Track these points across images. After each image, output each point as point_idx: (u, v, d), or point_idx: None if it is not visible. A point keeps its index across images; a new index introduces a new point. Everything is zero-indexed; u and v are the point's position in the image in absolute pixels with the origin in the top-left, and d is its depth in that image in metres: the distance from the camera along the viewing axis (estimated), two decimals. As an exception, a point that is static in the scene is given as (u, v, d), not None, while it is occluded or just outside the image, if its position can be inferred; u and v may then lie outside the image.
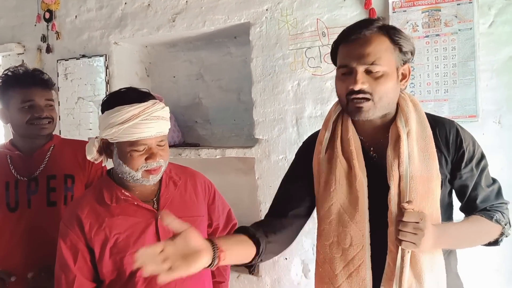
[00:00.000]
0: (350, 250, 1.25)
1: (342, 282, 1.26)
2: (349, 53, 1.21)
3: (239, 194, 2.61)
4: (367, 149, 1.30)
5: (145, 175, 1.38)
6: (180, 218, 1.44)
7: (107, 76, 2.80)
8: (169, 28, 2.60)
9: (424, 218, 1.12)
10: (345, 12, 2.16)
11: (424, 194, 1.21)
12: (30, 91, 1.74)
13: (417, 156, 1.22)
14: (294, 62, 2.28)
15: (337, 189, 1.27)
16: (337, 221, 1.27)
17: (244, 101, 2.79)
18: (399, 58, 1.21)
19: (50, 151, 1.81)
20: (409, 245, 1.13)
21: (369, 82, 1.18)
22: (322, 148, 1.33)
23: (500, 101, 1.90)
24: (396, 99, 1.25)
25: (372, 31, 1.19)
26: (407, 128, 1.23)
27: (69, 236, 1.40)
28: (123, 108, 1.33)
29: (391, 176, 1.22)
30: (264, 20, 2.34)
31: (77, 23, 2.90)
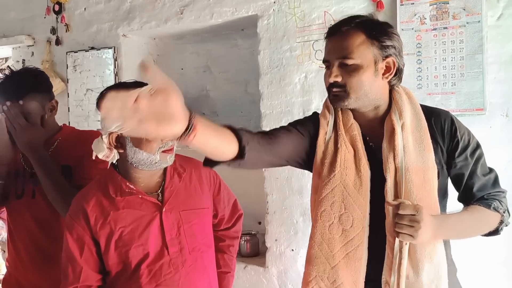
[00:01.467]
0: (351, 231, 1.28)
1: (338, 261, 1.29)
2: (329, 48, 1.30)
3: (246, 186, 2.62)
4: (365, 137, 1.34)
5: (163, 157, 1.38)
6: (184, 211, 1.46)
7: (116, 68, 2.82)
8: (177, 20, 2.61)
9: (420, 210, 1.14)
10: (352, 4, 2.15)
11: (420, 185, 1.24)
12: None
13: (412, 148, 1.26)
14: (302, 54, 2.29)
15: (342, 172, 1.30)
16: (340, 202, 1.30)
17: (251, 93, 2.80)
18: (378, 52, 1.25)
19: (56, 143, 1.76)
20: (406, 237, 1.16)
21: (343, 74, 1.25)
22: (326, 133, 1.36)
23: (508, 94, 1.90)
24: (379, 92, 1.29)
25: (349, 27, 1.25)
26: (401, 121, 1.27)
27: (75, 228, 1.41)
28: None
29: (387, 168, 1.26)
30: (271, 12, 2.34)
31: (86, 16, 2.92)
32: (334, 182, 1.31)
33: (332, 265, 1.30)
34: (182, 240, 1.45)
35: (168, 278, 1.42)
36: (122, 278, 1.43)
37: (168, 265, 1.42)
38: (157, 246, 1.43)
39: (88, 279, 1.41)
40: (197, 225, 1.49)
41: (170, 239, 1.43)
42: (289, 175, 2.36)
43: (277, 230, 2.42)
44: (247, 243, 2.64)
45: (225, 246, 1.68)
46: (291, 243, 2.39)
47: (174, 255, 1.43)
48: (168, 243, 1.43)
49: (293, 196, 2.36)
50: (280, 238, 2.41)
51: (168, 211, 1.44)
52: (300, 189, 2.34)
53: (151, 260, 1.41)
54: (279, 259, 2.43)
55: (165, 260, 1.42)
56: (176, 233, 1.45)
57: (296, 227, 2.37)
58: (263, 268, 2.46)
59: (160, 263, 1.42)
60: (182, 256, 1.44)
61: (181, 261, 1.44)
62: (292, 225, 2.38)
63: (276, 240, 2.43)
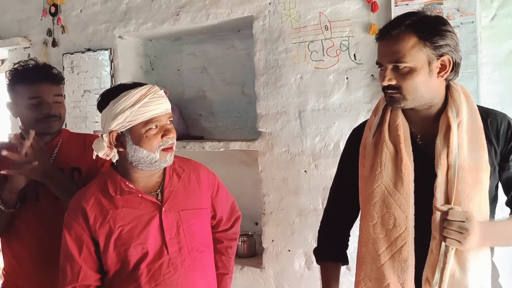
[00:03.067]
0: (394, 231, 1.29)
1: (384, 262, 1.30)
2: (380, 52, 1.30)
3: (242, 187, 2.63)
4: (415, 136, 1.34)
5: (163, 156, 1.40)
6: (183, 210, 1.47)
7: (112, 69, 2.83)
8: (173, 21, 2.61)
9: (470, 218, 1.14)
10: (347, 5, 2.16)
11: (472, 184, 1.24)
12: (38, 87, 1.71)
13: (466, 147, 1.26)
14: (297, 55, 2.30)
15: (382, 172, 1.31)
16: (381, 202, 1.31)
17: (247, 94, 2.81)
18: (431, 52, 1.24)
19: (58, 146, 1.80)
20: (454, 243, 1.16)
21: (397, 77, 1.26)
22: (370, 133, 1.39)
23: (503, 94, 1.91)
24: (434, 91, 1.29)
25: (400, 29, 1.24)
26: (458, 119, 1.27)
27: (73, 227, 1.42)
28: (129, 92, 1.37)
29: (439, 164, 1.25)
30: (267, 13, 2.35)
31: (82, 17, 2.92)
32: (375, 182, 1.32)
33: (378, 266, 1.31)
34: (181, 239, 1.46)
35: (167, 277, 1.42)
36: (121, 277, 1.43)
37: (167, 265, 1.43)
38: (157, 245, 1.43)
39: (87, 279, 1.42)
40: (196, 225, 1.50)
41: (170, 238, 1.44)
42: (286, 175, 2.37)
43: (274, 231, 2.43)
44: (244, 244, 2.65)
45: (223, 247, 1.69)
46: (287, 244, 2.40)
47: (174, 255, 1.44)
48: (167, 242, 1.43)
49: (290, 196, 2.37)
50: (277, 238, 2.42)
51: (168, 210, 1.45)
52: (296, 190, 2.35)
53: (150, 260, 1.42)
54: (275, 260, 2.43)
55: (164, 260, 1.43)
56: (175, 233, 1.45)
57: (293, 228, 2.38)
58: (259, 269, 2.47)
59: (159, 263, 1.42)
60: (181, 256, 1.45)
61: (180, 261, 1.44)
62: (288, 225, 2.39)
63: (272, 240, 2.43)
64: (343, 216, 1.50)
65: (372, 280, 1.34)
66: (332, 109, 2.24)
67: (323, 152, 2.27)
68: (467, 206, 1.22)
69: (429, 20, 1.27)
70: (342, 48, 2.20)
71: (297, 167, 2.34)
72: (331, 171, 2.26)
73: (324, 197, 2.29)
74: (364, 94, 2.17)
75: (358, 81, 2.18)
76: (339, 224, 1.51)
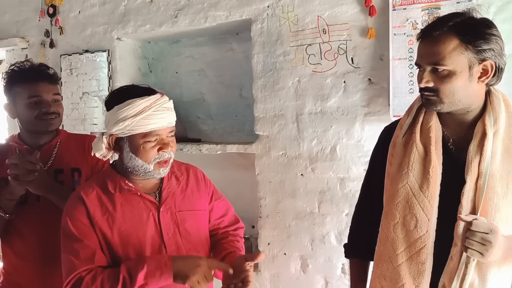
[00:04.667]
0: (414, 233, 1.28)
1: (401, 262, 1.29)
2: (420, 52, 1.27)
3: (239, 189, 2.63)
4: (447, 140, 1.32)
5: (157, 168, 1.41)
6: (181, 212, 1.48)
7: (110, 71, 2.82)
8: (171, 24, 2.61)
9: (494, 230, 1.12)
10: (345, 9, 2.17)
11: (502, 194, 1.21)
12: (36, 86, 1.73)
13: (500, 156, 1.23)
14: (295, 58, 2.30)
15: (409, 173, 1.30)
16: (405, 203, 1.30)
17: (245, 97, 2.81)
18: (473, 56, 1.19)
19: (57, 146, 1.82)
20: (475, 254, 1.14)
21: (435, 80, 1.23)
22: (401, 132, 1.37)
23: (499, 99, 1.91)
24: (473, 96, 1.25)
25: (441, 31, 1.20)
26: (495, 127, 1.24)
27: (77, 217, 1.39)
28: (134, 101, 1.36)
29: (469, 171, 1.22)
30: (265, 16, 2.35)
31: (81, 19, 2.92)
32: (400, 182, 1.31)
33: (395, 265, 1.30)
34: (178, 240, 1.47)
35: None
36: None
37: None
38: (155, 244, 1.44)
39: (101, 260, 1.37)
40: (193, 226, 1.51)
41: (168, 238, 1.45)
42: (282, 179, 2.36)
43: (270, 234, 2.42)
44: (240, 246, 2.64)
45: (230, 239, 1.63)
46: (283, 247, 2.39)
47: (172, 254, 1.43)
48: (166, 242, 1.44)
49: (286, 200, 2.36)
50: (273, 241, 2.41)
51: (165, 211, 1.46)
52: (293, 193, 2.35)
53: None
54: (271, 263, 2.43)
55: None
56: (172, 233, 1.46)
57: (289, 231, 2.37)
58: (255, 272, 2.46)
59: None
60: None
61: None
62: (285, 228, 2.38)
63: (269, 243, 2.43)
64: (373, 214, 1.46)
65: (387, 279, 1.33)
66: (329, 112, 2.24)
67: (320, 155, 2.27)
68: (494, 217, 1.20)
69: (473, 22, 1.21)
70: (339, 51, 2.20)
71: (294, 170, 2.33)
72: (328, 174, 2.26)
73: (320, 200, 2.29)
74: (361, 98, 2.17)
75: (356, 85, 2.18)
76: (368, 221, 1.48)
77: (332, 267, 2.28)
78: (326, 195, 2.27)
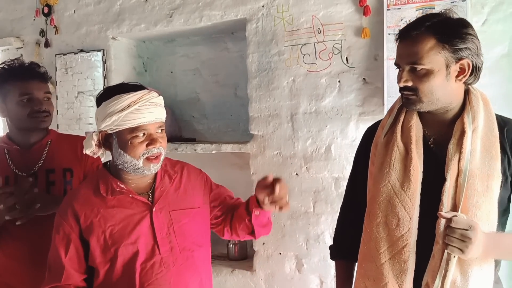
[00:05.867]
0: (396, 231, 1.28)
1: (384, 261, 1.30)
2: (399, 52, 1.29)
3: (234, 189, 2.59)
4: (428, 138, 1.33)
5: (146, 164, 1.40)
6: (174, 211, 1.48)
7: (105, 70, 2.82)
8: (166, 23, 2.61)
9: (474, 227, 1.13)
10: (340, 9, 2.17)
11: (482, 192, 1.22)
12: (28, 84, 1.73)
13: (479, 154, 1.24)
14: (290, 58, 2.30)
15: (391, 172, 1.31)
16: (387, 202, 1.31)
17: (240, 97, 2.81)
18: (450, 55, 1.22)
19: (48, 145, 1.81)
20: (455, 251, 1.15)
21: (413, 79, 1.25)
22: (382, 132, 1.39)
23: (493, 99, 1.86)
24: (452, 94, 1.27)
25: (419, 31, 1.23)
26: (473, 125, 1.25)
27: (62, 226, 1.43)
28: (121, 96, 1.37)
29: (449, 168, 1.24)
30: (260, 16, 2.35)
31: (76, 18, 2.91)
32: (382, 181, 1.32)
33: (378, 265, 1.31)
34: (173, 239, 1.46)
35: (159, 277, 1.43)
36: (111, 277, 1.43)
37: (159, 264, 1.43)
38: (148, 245, 1.44)
39: (70, 279, 1.43)
40: (187, 225, 1.51)
41: (161, 238, 1.45)
42: (277, 178, 2.36)
43: (265, 234, 2.42)
44: (235, 246, 2.65)
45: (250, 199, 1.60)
46: (278, 247, 2.39)
47: (165, 254, 1.44)
48: (159, 242, 1.44)
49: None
50: (268, 241, 2.41)
51: (158, 210, 1.46)
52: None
53: (142, 259, 1.43)
54: (266, 263, 2.43)
55: (156, 259, 1.43)
56: (166, 233, 1.46)
57: (284, 231, 2.37)
58: (250, 272, 2.46)
59: (151, 262, 1.43)
60: (173, 255, 1.46)
61: (172, 260, 1.45)
62: (279, 228, 2.38)
63: (263, 243, 2.42)
64: (357, 215, 1.47)
65: (371, 279, 1.33)
66: (324, 112, 2.24)
67: (315, 155, 2.27)
68: (474, 214, 1.21)
69: (450, 22, 1.24)
70: (334, 51, 2.20)
71: (289, 170, 2.33)
72: (322, 174, 2.26)
73: (315, 200, 2.29)
74: (356, 97, 2.18)
75: (350, 85, 2.18)
76: (353, 222, 1.48)
77: (326, 267, 2.28)
78: (320, 195, 2.27)
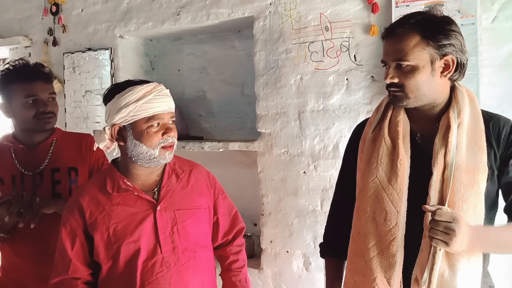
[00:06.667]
0: (384, 226, 1.29)
1: (373, 256, 1.31)
2: (385, 50, 1.32)
3: (241, 187, 2.63)
4: (415, 134, 1.35)
5: (162, 153, 1.43)
6: (179, 210, 1.48)
7: (112, 69, 2.83)
8: (173, 21, 2.61)
9: (457, 219, 1.14)
10: (348, 6, 2.16)
11: (468, 185, 1.24)
12: (33, 85, 1.74)
13: (465, 148, 1.26)
14: (297, 56, 2.29)
15: (378, 167, 1.33)
16: (375, 196, 1.32)
17: (247, 95, 2.81)
18: (435, 52, 1.24)
19: (53, 144, 1.83)
20: (440, 243, 1.16)
21: (399, 76, 1.27)
22: (370, 129, 1.41)
23: (502, 97, 1.90)
24: (437, 90, 1.29)
25: (404, 28, 1.26)
26: (459, 120, 1.27)
27: (69, 221, 1.45)
28: (135, 87, 1.41)
29: (436, 163, 1.26)
30: (267, 14, 2.35)
31: (83, 16, 2.92)
32: (370, 176, 1.34)
33: (367, 259, 1.32)
34: (175, 239, 1.46)
35: (159, 276, 1.43)
36: (113, 274, 1.44)
37: (160, 264, 1.43)
38: (150, 243, 1.44)
39: (77, 272, 1.44)
40: (191, 225, 1.50)
41: (163, 237, 1.45)
42: (284, 176, 2.36)
43: (272, 232, 2.42)
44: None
45: (229, 263, 1.66)
46: (286, 245, 2.39)
47: (167, 254, 1.44)
48: (161, 241, 1.44)
49: (288, 197, 2.36)
50: (275, 239, 2.41)
51: (163, 209, 1.46)
52: (295, 191, 2.34)
53: (143, 258, 1.43)
54: (274, 261, 2.42)
55: (157, 258, 1.43)
56: (169, 232, 1.46)
57: (291, 229, 2.37)
58: (258, 270, 2.46)
59: (152, 261, 1.43)
60: (175, 255, 1.45)
61: (173, 260, 1.45)
62: (287, 226, 2.38)
63: (271, 241, 2.42)
64: (347, 211, 1.47)
65: (360, 274, 1.34)
66: (331, 110, 2.24)
67: (322, 153, 2.27)
68: (461, 207, 1.22)
69: (434, 19, 1.28)
70: (342, 49, 2.19)
71: (296, 168, 2.33)
72: (330, 172, 2.25)
73: (323, 198, 2.28)
74: (364, 95, 2.17)
75: (358, 82, 2.17)
76: (343, 219, 1.49)
77: (334, 265, 2.27)
78: (328, 193, 2.27)
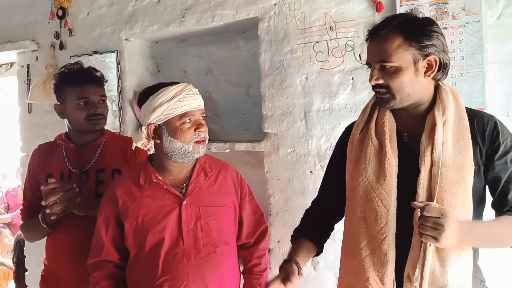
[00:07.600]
0: (375, 225, 1.31)
1: (365, 256, 1.33)
2: (369, 52, 1.34)
3: (248, 187, 2.63)
4: (401, 133, 1.38)
5: (195, 147, 1.53)
6: (204, 206, 1.57)
7: (119, 71, 2.84)
8: (178, 23, 2.63)
9: (446, 214, 1.15)
10: (352, 5, 2.16)
11: (456, 181, 1.25)
12: (85, 88, 1.84)
13: (451, 145, 1.28)
14: (302, 56, 2.30)
15: (367, 167, 1.35)
16: (364, 197, 1.35)
17: (253, 95, 2.81)
18: (417, 52, 1.27)
19: (102, 146, 1.91)
20: (429, 239, 1.17)
21: (384, 77, 1.30)
22: (357, 130, 1.43)
23: (508, 93, 1.90)
24: (422, 90, 1.32)
25: (387, 30, 1.28)
26: (444, 118, 1.30)
27: (105, 209, 1.61)
28: (167, 88, 1.52)
29: (423, 160, 1.28)
30: (272, 15, 2.35)
31: (89, 20, 2.95)
32: (359, 177, 1.36)
33: (359, 259, 1.34)
34: (198, 233, 1.54)
35: (180, 266, 1.51)
36: (139, 261, 1.55)
37: (181, 255, 1.52)
38: (174, 235, 1.53)
39: (109, 255, 1.59)
40: (214, 221, 1.58)
41: (186, 230, 1.53)
42: (291, 176, 2.37)
43: (280, 232, 2.43)
44: (250, 244, 2.65)
45: (251, 266, 1.73)
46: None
47: (188, 246, 1.53)
48: (184, 234, 1.53)
49: (296, 197, 2.37)
50: (283, 239, 2.42)
51: (188, 204, 1.55)
52: (302, 190, 2.35)
53: (166, 248, 1.52)
54: (282, 261, 2.42)
55: (179, 250, 1.52)
56: (192, 226, 1.54)
57: (299, 228, 2.37)
58: (266, 270, 2.47)
59: (174, 252, 1.52)
60: (196, 248, 1.53)
61: (194, 253, 1.53)
62: (294, 226, 2.35)
63: (279, 241, 2.43)
64: (327, 206, 1.55)
65: (353, 274, 1.36)
66: (337, 109, 2.24)
67: (329, 152, 2.27)
68: (449, 203, 1.24)
69: (416, 21, 1.30)
70: (347, 48, 2.20)
71: (303, 168, 2.34)
72: (337, 172, 2.26)
73: (330, 197, 2.28)
74: (369, 94, 2.16)
75: (364, 82, 2.17)
76: (322, 212, 1.56)
77: (342, 264, 2.28)
78: (335, 192, 2.27)
